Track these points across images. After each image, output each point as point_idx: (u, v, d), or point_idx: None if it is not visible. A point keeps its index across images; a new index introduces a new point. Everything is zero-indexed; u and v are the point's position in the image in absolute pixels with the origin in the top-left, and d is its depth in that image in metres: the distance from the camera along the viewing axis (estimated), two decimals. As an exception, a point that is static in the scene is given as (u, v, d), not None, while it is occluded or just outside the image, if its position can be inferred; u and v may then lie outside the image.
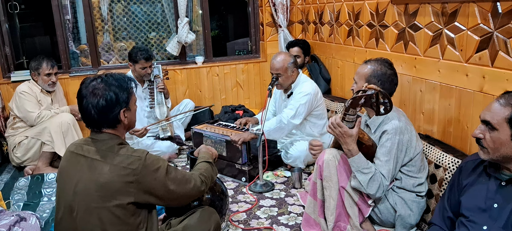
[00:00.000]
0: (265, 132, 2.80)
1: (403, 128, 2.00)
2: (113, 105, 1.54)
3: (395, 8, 2.71)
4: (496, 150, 1.46)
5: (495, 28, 1.94)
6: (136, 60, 3.41)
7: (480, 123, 1.52)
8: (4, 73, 3.88)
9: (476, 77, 2.09)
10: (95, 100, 1.52)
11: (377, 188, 1.96)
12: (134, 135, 3.26)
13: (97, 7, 4.31)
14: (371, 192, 1.97)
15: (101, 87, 1.53)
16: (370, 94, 1.82)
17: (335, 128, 1.95)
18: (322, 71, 3.86)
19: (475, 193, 1.57)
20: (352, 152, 1.95)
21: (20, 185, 3.03)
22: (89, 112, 1.53)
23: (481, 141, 1.50)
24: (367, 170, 1.95)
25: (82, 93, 1.55)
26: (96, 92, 1.52)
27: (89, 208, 1.51)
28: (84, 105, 1.54)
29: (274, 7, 4.16)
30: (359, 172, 1.96)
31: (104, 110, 1.53)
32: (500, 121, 1.44)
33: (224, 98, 4.43)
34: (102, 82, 1.55)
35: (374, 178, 1.95)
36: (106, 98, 1.52)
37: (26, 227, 2.11)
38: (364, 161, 1.96)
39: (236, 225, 2.40)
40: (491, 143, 1.47)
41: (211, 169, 1.88)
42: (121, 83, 1.58)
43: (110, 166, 1.50)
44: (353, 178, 2.01)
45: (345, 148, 1.97)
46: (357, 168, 1.96)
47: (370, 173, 1.95)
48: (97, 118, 1.54)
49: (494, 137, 1.46)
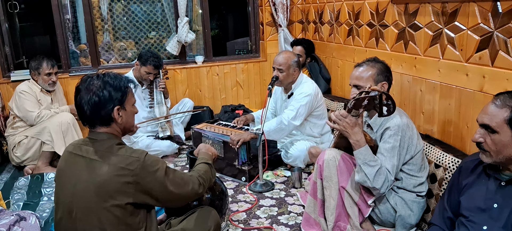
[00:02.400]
0: (265, 132, 2.80)
1: (405, 125, 2.00)
2: (105, 102, 1.53)
3: (395, 8, 2.71)
4: (499, 152, 1.45)
5: (495, 28, 1.94)
6: (145, 63, 3.42)
7: (479, 127, 1.50)
8: (4, 72, 3.88)
9: (476, 77, 2.09)
10: (88, 97, 1.52)
11: (382, 181, 1.93)
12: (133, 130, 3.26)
13: (97, 6, 4.31)
14: (377, 185, 1.94)
15: (96, 84, 1.54)
16: (373, 96, 1.80)
17: (341, 120, 1.91)
18: (322, 71, 3.86)
19: (475, 193, 1.57)
20: (360, 142, 1.92)
21: (20, 184, 3.03)
22: (82, 108, 1.54)
23: (482, 144, 1.49)
24: (374, 162, 1.93)
25: (78, 90, 1.57)
26: (90, 88, 1.53)
27: (88, 208, 1.50)
28: (78, 101, 1.55)
29: (274, 6, 4.16)
30: (366, 164, 1.93)
31: (96, 107, 1.53)
32: (499, 123, 1.43)
33: (224, 98, 4.43)
34: (98, 80, 1.55)
35: (380, 172, 1.93)
36: (99, 95, 1.52)
37: (26, 226, 2.11)
38: (371, 153, 1.94)
39: (236, 225, 2.40)
40: (493, 146, 1.45)
41: (210, 171, 1.87)
42: (117, 83, 1.57)
43: (109, 166, 1.50)
44: (358, 172, 1.97)
45: (353, 139, 1.92)
46: (363, 160, 1.93)
47: (377, 166, 1.93)
48: (89, 114, 1.54)
49: (495, 139, 1.44)
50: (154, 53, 3.48)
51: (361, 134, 1.93)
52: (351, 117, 1.88)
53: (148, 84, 3.56)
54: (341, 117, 1.91)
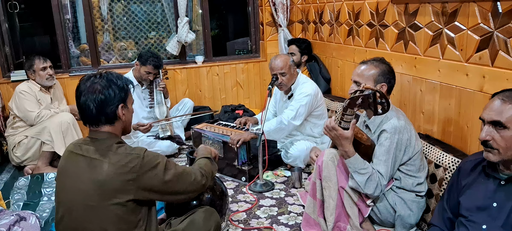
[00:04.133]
0: (265, 132, 2.80)
1: (402, 127, 2.00)
2: (111, 100, 1.56)
3: (395, 8, 2.71)
4: (508, 148, 1.42)
5: (495, 27, 1.94)
6: (145, 63, 3.42)
7: (486, 124, 1.47)
8: (4, 72, 3.88)
9: (476, 77, 2.09)
10: (94, 96, 1.54)
11: (374, 187, 1.96)
12: (138, 129, 3.27)
13: (97, 6, 4.31)
14: (369, 192, 1.97)
15: (100, 83, 1.56)
16: (367, 94, 1.82)
17: (330, 130, 1.96)
18: (322, 71, 3.86)
19: (474, 193, 1.56)
20: (348, 153, 1.96)
21: (20, 184, 3.03)
22: (88, 108, 1.55)
23: (489, 142, 1.45)
24: (364, 170, 1.95)
25: (80, 90, 1.57)
26: (95, 88, 1.54)
27: (89, 207, 1.51)
28: (82, 101, 1.55)
29: (274, 6, 4.16)
30: (356, 172, 1.96)
31: (102, 105, 1.54)
32: (510, 118, 1.40)
33: (224, 98, 4.43)
34: (101, 79, 1.57)
35: (371, 178, 1.95)
36: (105, 94, 1.54)
37: (26, 226, 2.11)
38: (361, 161, 1.96)
39: (236, 225, 2.40)
40: (503, 142, 1.42)
41: (210, 164, 1.88)
42: (120, 82, 1.60)
43: (109, 164, 1.50)
44: (350, 178, 2.01)
45: (341, 150, 1.98)
46: (354, 169, 1.97)
47: (367, 174, 1.95)
48: (96, 112, 1.55)
49: (506, 135, 1.41)
50: (154, 53, 3.49)
51: (350, 146, 1.95)
52: (340, 130, 1.91)
53: (148, 84, 3.56)
54: (331, 128, 1.94)
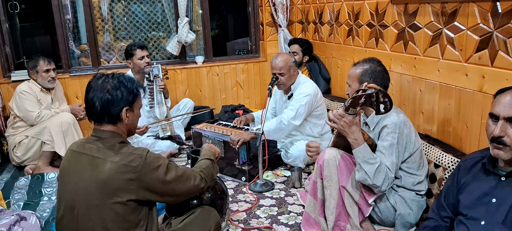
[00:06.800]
0: (265, 132, 2.80)
1: (402, 122, 2.01)
2: (117, 102, 1.59)
3: (395, 8, 2.71)
4: None
5: (495, 28, 1.94)
6: (132, 53, 3.48)
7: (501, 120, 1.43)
8: (5, 73, 3.89)
9: (475, 77, 2.09)
10: (101, 94, 1.57)
11: (383, 179, 1.94)
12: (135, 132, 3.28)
13: (97, 6, 4.31)
14: (377, 183, 1.94)
15: (111, 83, 1.59)
16: (370, 93, 1.82)
17: (339, 119, 1.93)
18: (322, 71, 3.86)
19: (474, 190, 1.56)
20: (359, 140, 1.94)
21: (20, 184, 3.03)
22: (93, 104, 1.58)
23: (503, 139, 1.42)
24: (373, 160, 1.94)
25: (91, 86, 1.61)
26: (104, 86, 1.58)
27: (90, 206, 1.52)
28: (90, 97, 1.59)
29: (274, 7, 4.17)
30: (365, 162, 1.94)
31: (107, 104, 1.57)
32: None
33: (224, 98, 4.43)
34: (113, 79, 1.61)
35: (380, 169, 1.94)
36: (112, 94, 1.58)
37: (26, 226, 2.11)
38: (369, 151, 1.95)
39: (236, 225, 2.40)
40: None
41: (211, 166, 1.91)
42: (130, 85, 1.64)
43: (111, 163, 1.51)
44: (358, 170, 1.98)
45: (351, 138, 1.94)
46: (363, 158, 1.94)
47: (376, 164, 1.93)
48: (100, 110, 1.58)
49: None
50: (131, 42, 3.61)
51: (359, 132, 1.94)
52: (349, 116, 1.90)
53: (148, 84, 3.57)
54: (339, 116, 1.93)
